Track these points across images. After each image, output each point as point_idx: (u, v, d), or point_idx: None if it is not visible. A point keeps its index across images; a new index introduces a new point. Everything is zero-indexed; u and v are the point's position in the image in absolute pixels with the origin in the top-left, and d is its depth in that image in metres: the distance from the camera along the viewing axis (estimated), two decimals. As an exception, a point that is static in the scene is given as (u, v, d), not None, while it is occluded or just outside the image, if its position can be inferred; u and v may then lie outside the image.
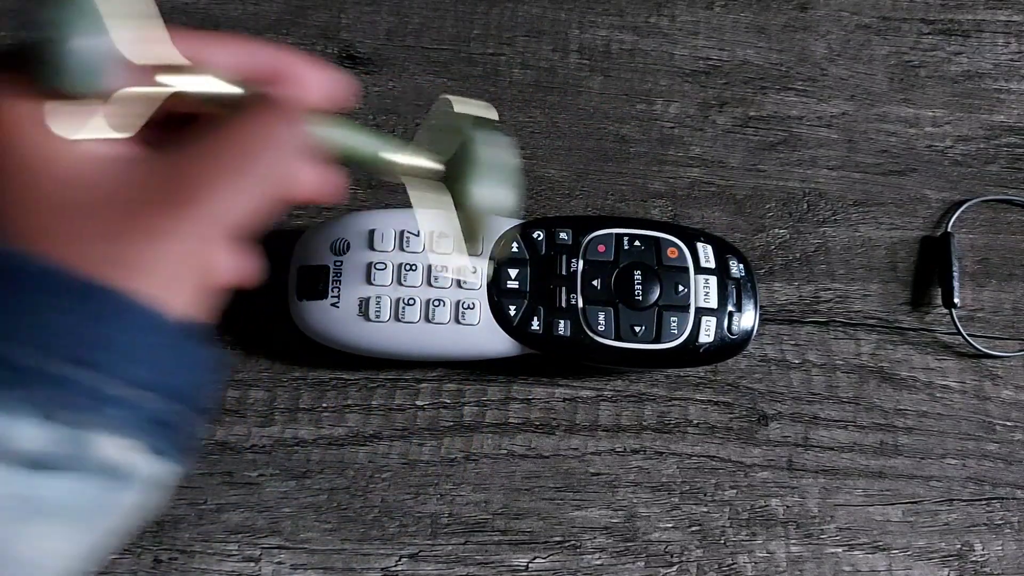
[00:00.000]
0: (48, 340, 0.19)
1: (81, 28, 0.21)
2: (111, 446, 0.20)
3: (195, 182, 0.22)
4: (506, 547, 0.39)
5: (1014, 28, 0.52)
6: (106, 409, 0.20)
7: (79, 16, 0.21)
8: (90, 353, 0.20)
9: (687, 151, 0.47)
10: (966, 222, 0.47)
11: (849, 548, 0.41)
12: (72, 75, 0.21)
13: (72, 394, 0.19)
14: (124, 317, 0.20)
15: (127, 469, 0.21)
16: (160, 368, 0.21)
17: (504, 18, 0.49)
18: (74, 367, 0.20)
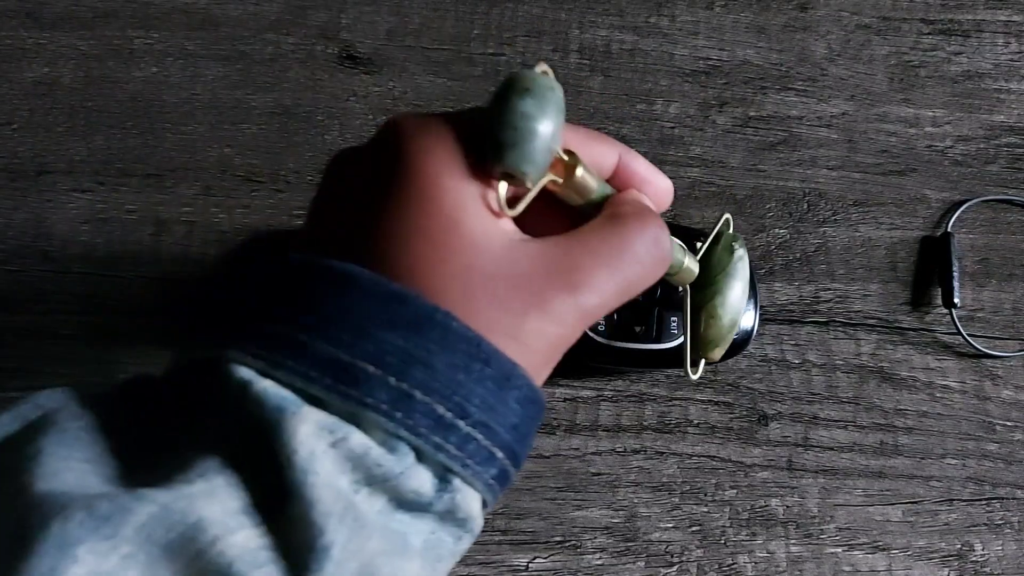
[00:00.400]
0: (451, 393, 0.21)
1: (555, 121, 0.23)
2: (472, 500, 0.22)
3: (588, 274, 0.23)
4: (506, 547, 0.39)
5: (1014, 28, 0.52)
6: (481, 466, 0.21)
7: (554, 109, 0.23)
8: (483, 415, 0.21)
9: (687, 151, 0.47)
10: (966, 222, 0.47)
11: (849, 548, 0.41)
12: (536, 163, 0.23)
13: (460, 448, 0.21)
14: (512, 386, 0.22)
15: (473, 522, 0.22)
16: (523, 436, 0.23)
17: (504, 18, 0.49)
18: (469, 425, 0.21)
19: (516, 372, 0.22)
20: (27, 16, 0.46)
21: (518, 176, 0.23)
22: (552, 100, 0.23)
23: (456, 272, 0.22)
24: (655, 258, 0.25)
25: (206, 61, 0.46)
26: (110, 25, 0.46)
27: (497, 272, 0.22)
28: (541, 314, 0.22)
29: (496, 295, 0.22)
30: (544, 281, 0.23)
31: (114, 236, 0.42)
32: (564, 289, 0.23)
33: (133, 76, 0.45)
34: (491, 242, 0.22)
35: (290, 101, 0.46)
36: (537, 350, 0.23)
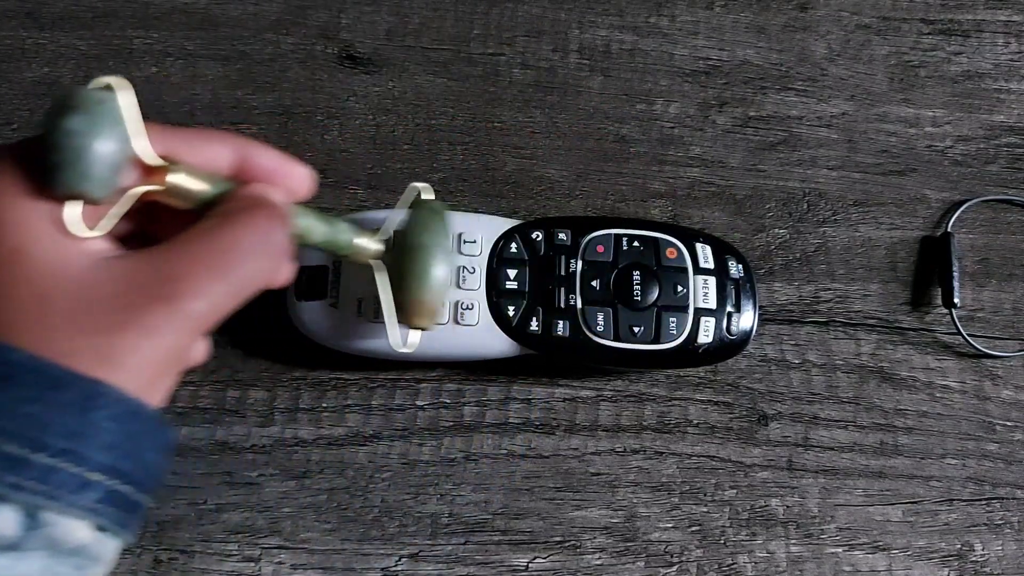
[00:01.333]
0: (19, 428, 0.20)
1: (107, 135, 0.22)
2: (76, 529, 0.21)
3: (183, 281, 0.23)
4: (506, 547, 0.39)
5: (1014, 28, 0.52)
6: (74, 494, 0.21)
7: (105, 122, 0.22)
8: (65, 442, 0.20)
9: (687, 151, 0.47)
10: (966, 222, 0.47)
11: (849, 548, 0.41)
12: (96, 180, 0.22)
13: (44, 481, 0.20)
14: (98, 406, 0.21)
15: (95, 549, 0.22)
16: (128, 454, 0.22)
17: (504, 18, 0.49)
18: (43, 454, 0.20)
19: (101, 390, 0.21)
20: (27, 16, 0.46)
21: (83, 195, 0.22)
22: (103, 112, 0.22)
23: (26, 304, 0.21)
24: (266, 252, 0.25)
25: (206, 61, 0.46)
26: (110, 25, 0.46)
27: (78, 296, 0.22)
28: (132, 330, 0.22)
29: (76, 320, 0.21)
30: (134, 297, 0.22)
31: (113, 236, 0.42)
32: (158, 301, 0.22)
33: (133, 76, 0.45)
34: (67, 267, 0.22)
35: (290, 101, 0.46)
36: (137, 366, 0.22)
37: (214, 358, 0.41)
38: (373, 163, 0.45)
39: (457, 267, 0.39)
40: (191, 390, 0.40)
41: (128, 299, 0.22)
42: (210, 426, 0.40)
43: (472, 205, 0.45)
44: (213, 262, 0.23)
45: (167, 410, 0.40)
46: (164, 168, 0.24)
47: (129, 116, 0.23)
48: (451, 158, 0.46)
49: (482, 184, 0.45)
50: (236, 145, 0.26)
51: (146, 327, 0.22)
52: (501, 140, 0.46)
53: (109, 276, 0.22)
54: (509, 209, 0.45)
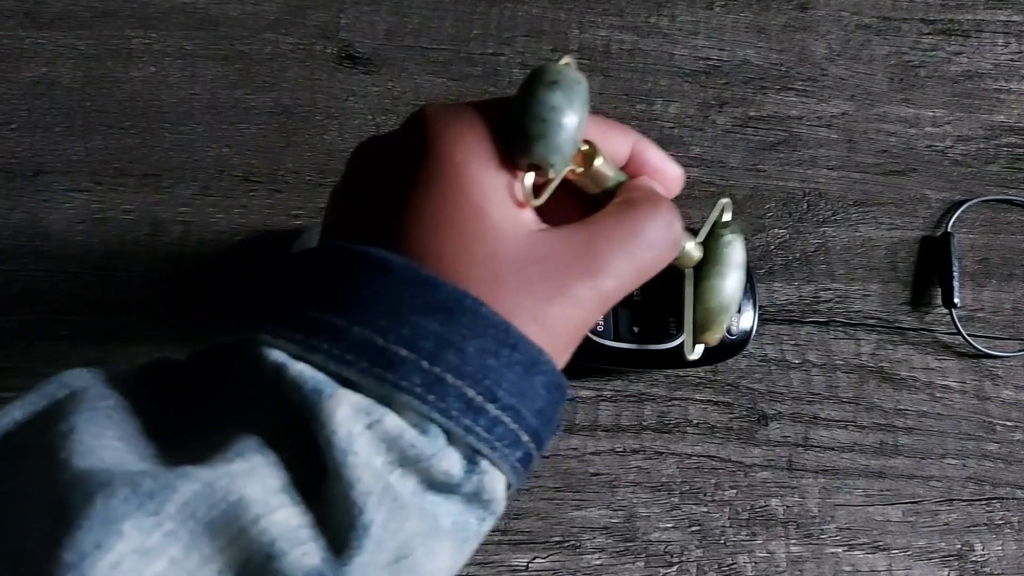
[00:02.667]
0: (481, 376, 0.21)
1: (581, 113, 0.23)
2: (498, 482, 0.22)
3: (606, 259, 0.24)
4: (506, 547, 0.39)
5: (1014, 28, 0.52)
6: (508, 449, 0.22)
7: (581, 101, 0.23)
8: (511, 399, 0.22)
9: (687, 151, 0.47)
10: (966, 222, 0.47)
11: (849, 548, 0.41)
12: (563, 154, 0.23)
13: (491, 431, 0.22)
14: (538, 371, 0.22)
15: (499, 504, 0.23)
16: (548, 421, 0.23)
17: (504, 18, 0.49)
18: (498, 408, 0.22)
19: (542, 358, 0.23)
20: (25, 16, 0.46)
21: (544, 167, 0.23)
22: (578, 92, 0.23)
23: (482, 259, 0.22)
24: (667, 242, 0.26)
25: (205, 61, 0.46)
26: (108, 25, 0.46)
27: (521, 259, 0.23)
28: (564, 299, 0.23)
29: (521, 282, 0.23)
30: (566, 267, 0.23)
31: (111, 236, 0.42)
32: (585, 274, 0.23)
33: (131, 76, 0.45)
34: (515, 230, 0.23)
35: (289, 101, 0.46)
36: (560, 334, 0.23)
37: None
38: (372, 163, 0.45)
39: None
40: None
41: (560, 269, 0.23)
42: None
43: (472, 205, 0.45)
44: (626, 245, 0.24)
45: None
46: (592, 153, 0.25)
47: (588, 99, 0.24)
48: (450, 158, 0.45)
49: (482, 184, 0.45)
50: (633, 138, 0.27)
51: (575, 298, 0.23)
52: (501, 140, 0.46)
53: (543, 246, 0.23)
54: (509, 209, 0.45)
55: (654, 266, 0.26)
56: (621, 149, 0.27)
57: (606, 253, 0.24)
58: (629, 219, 0.25)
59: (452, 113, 0.24)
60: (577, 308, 0.23)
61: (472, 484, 0.22)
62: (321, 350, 0.20)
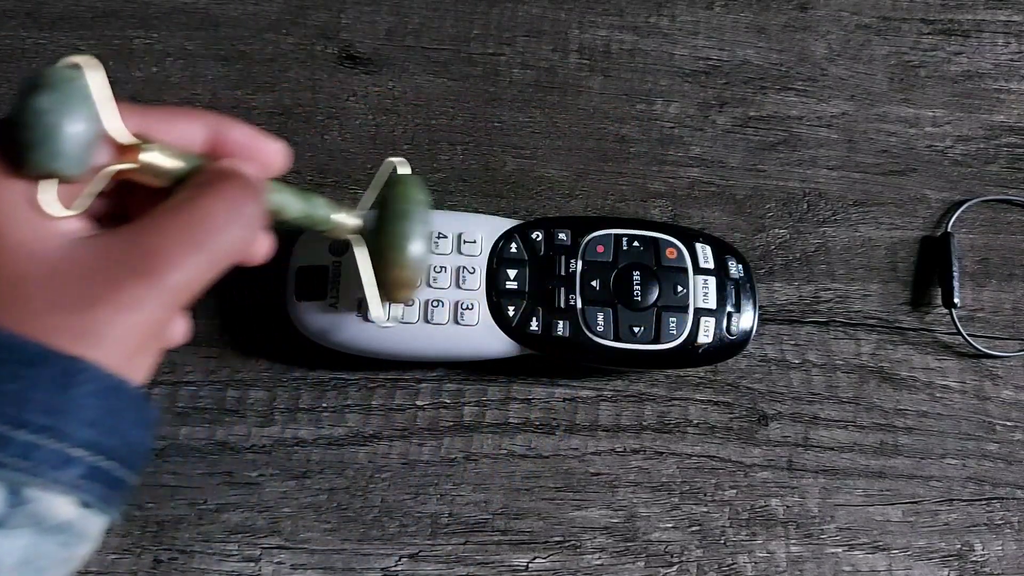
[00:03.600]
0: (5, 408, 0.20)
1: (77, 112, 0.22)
2: (60, 505, 0.21)
3: (157, 256, 0.23)
4: (506, 547, 0.39)
5: (1014, 28, 0.52)
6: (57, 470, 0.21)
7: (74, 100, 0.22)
8: (45, 419, 0.21)
9: (687, 151, 0.47)
10: (966, 222, 0.47)
11: (849, 548, 0.41)
12: (68, 158, 0.22)
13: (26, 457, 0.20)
14: (78, 382, 0.21)
15: (80, 525, 0.22)
16: (111, 430, 0.22)
17: (504, 18, 0.49)
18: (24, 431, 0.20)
19: (80, 367, 0.21)
20: (27, 16, 0.46)
21: (53, 174, 0.22)
22: (73, 91, 0.22)
23: (8, 285, 0.21)
24: (239, 220, 0.25)
25: (206, 61, 0.46)
26: (110, 25, 0.46)
27: (54, 275, 0.22)
28: (112, 305, 0.22)
29: (53, 298, 0.22)
30: (109, 273, 0.22)
31: (113, 236, 0.42)
32: (133, 275, 0.22)
33: (133, 76, 0.45)
34: (43, 247, 0.22)
35: (290, 101, 0.46)
36: (115, 342, 0.22)
37: (214, 358, 0.41)
38: (373, 163, 0.45)
39: (457, 267, 0.39)
40: (191, 390, 0.40)
41: (104, 275, 0.22)
42: (210, 426, 0.40)
43: (472, 205, 0.45)
44: (187, 234, 0.24)
45: (167, 408, 0.40)
46: (137, 146, 0.24)
47: (99, 94, 0.23)
48: (451, 158, 0.46)
49: (482, 184, 0.45)
50: (209, 121, 0.27)
51: (123, 302, 0.22)
52: (501, 140, 0.46)
53: (85, 254, 0.22)
54: (509, 209, 0.45)
55: (231, 249, 0.25)
56: (193, 136, 0.26)
57: (162, 247, 0.23)
58: (187, 206, 0.24)
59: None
60: (132, 311, 0.22)
61: (24, 515, 0.21)
62: None
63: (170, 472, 0.39)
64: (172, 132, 0.26)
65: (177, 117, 0.26)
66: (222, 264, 0.25)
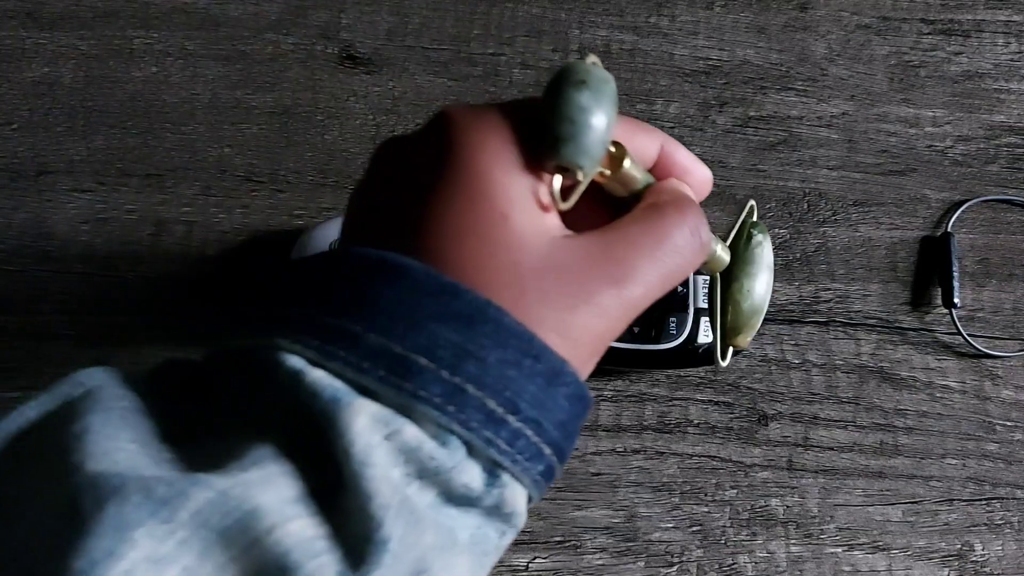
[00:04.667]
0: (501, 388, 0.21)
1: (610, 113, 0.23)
2: (519, 495, 0.22)
3: (631, 266, 0.23)
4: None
5: (1014, 28, 0.52)
6: (529, 462, 0.22)
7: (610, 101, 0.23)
8: (533, 411, 0.21)
9: (687, 151, 0.47)
10: (966, 222, 0.47)
11: (849, 548, 0.41)
12: (592, 155, 0.23)
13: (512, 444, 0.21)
14: (561, 383, 0.22)
15: (518, 517, 0.22)
16: (570, 434, 0.23)
17: (504, 18, 0.49)
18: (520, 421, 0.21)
19: (565, 369, 0.22)
20: (27, 16, 0.46)
21: (572, 169, 0.23)
22: (607, 92, 0.23)
23: (504, 267, 0.22)
24: (694, 247, 0.25)
25: (206, 61, 0.46)
26: (110, 25, 0.46)
27: (544, 268, 0.22)
28: (587, 308, 0.22)
29: (543, 291, 0.22)
30: (589, 276, 0.23)
31: (114, 236, 0.42)
32: (608, 283, 0.23)
33: (133, 76, 0.45)
34: (539, 238, 0.23)
35: (290, 101, 0.46)
36: (584, 344, 0.23)
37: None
38: (373, 163, 0.45)
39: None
40: (192, 390, 0.40)
41: (583, 277, 0.23)
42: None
43: (472, 205, 0.45)
44: (652, 251, 0.24)
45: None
46: (621, 155, 0.25)
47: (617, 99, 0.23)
48: (451, 158, 0.45)
49: (482, 184, 0.45)
50: (660, 139, 0.27)
51: (599, 307, 0.23)
52: (501, 140, 0.46)
53: (566, 254, 0.23)
54: (509, 209, 0.45)
55: (681, 271, 0.25)
56: (649, 150, 0.27)
57: (631, 260, 0.23)
58: (655, 224, 0.25)
59: (475, 116, 0.23)
60: (601, 317, 0.23)
61: (492, 497, 0.21)
62: (338, 357, 0.20)
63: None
64: (634, 143, 0.26)
65: (640, 130, 0.26)
66: (671, 284, 0.25)
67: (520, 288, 0.22)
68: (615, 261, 0.23)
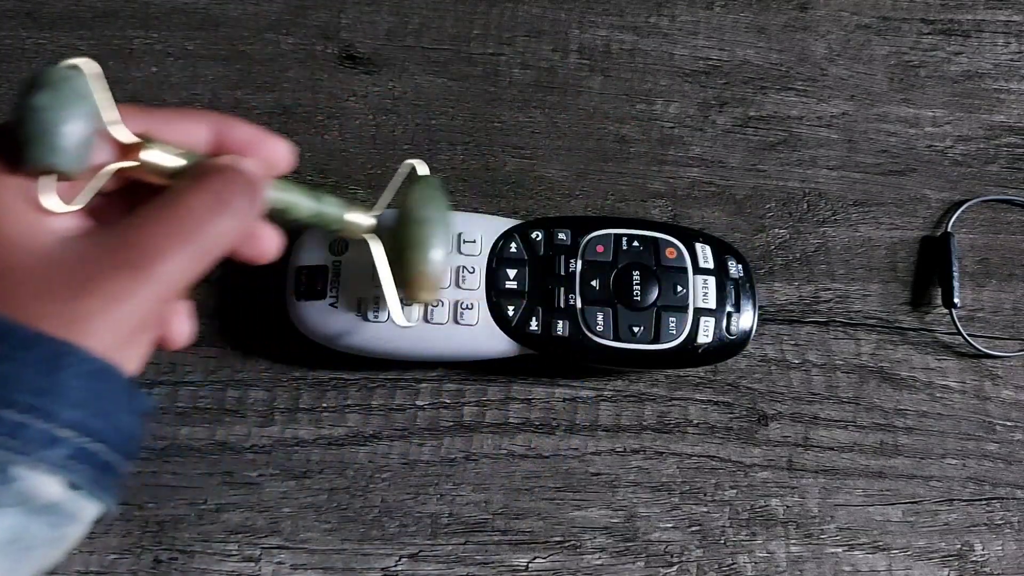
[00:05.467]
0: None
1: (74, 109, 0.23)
2: (47, 484, 0.22)
3: (146, 248, 0.24)
4: (506, 547, 0.39)
5: (1014, 28, 0.52)
6: (45, 450, 0.21)
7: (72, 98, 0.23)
8: (33, 399, 0.21)
9: (687, 151, 0.47)
10: (966, 222, 0.47)
11: (849, 548, 0.41)
12: (66, 153, 0.23)
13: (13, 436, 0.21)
14: (65, 365, 0.22)
15: (69, 507, 0.22)
16: (99, 413, 0.23)
17: (504, 18, 0.49)
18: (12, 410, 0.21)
19: (68, 350, 0.22)
20: (27, 16, 0.46)
21: (52, 169, 0.23)
22: (71, 89, 0.23)
23: None
24: (226, 210, 0.25)
25: (206, 61, 0.46)
26: (110, 25, 0.46)
27: (47, 267, 0.23)
28: (99, 295, 0.23)
29: (44, 288, 0.23)
30: (98, 265, 0.23)
31: (113, 236, 0.42)
32: (122, 267, 0.23)
33: (133, 76, 0.45)
34: (36, 239, 0.23)
35: (290, 101, 0.46)
36: (104, 331, 0.23)
37: (214, 358, 0.41)
38: (373, 163, 0.45)
39: (457, 267, 0.39)
40: (191, 390, 0.40)
41: (94, 267, 0.23)
42: (210, 426, 0.40)
43: (472, 205, 0.45)
44: (175, 226, 0.24)
45: (165, 409, 0.40)
46: (138, 145, 0.25)
47: (97, 93, 0.24)
48: (451, 158, 0.46)
49: (482, 184, 0.45)
50: (212, 121, 0.27)
51: (112, 292, 0.23)
52: (501, 140, 0.46)
53: (77, 248, 0.23)
54: (509, 209, 0.45)
55: (219, 239, 0.25)
56: (197, 135, 0.27)
57: (151, 239, 0.24)
58: (175, 200, 0.25)
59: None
60: (121, 301, 0.23)
61: (12, 494, 0.21)
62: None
63: (170, 472, 0.39)
64: (176, 132, 0.26)
65: (180, 117, 0.27)
66: (211, 256, 0.25)
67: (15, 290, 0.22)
68: (130, 245, 0.24)
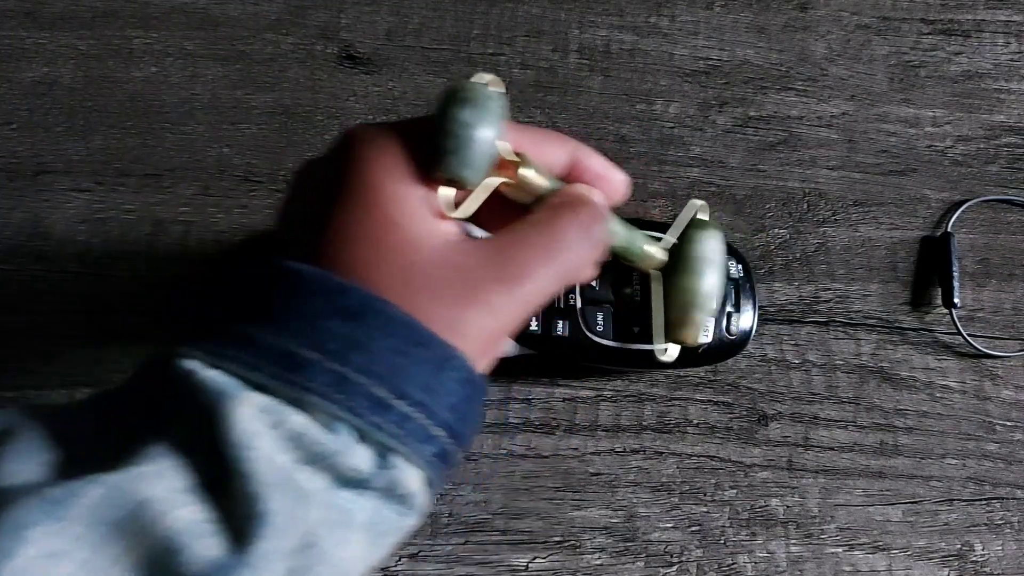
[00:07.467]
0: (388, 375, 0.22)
1: (492, 128, 0.25)
2: (412, 477, 0.23)
3: (518, 265, 0.25)
4: (506, 547, 0.39)
5: (1014, 28, 0.52)
6: (420, 444, 0.23)
7: (491, 117, 0.25)
8: (421, 395, 0.23)
9: (687, 151, 0.47)
10: (966, 222, 0.47)
11: (849, 548, 0.41)
12: (475, 168, 0.25)
13: (399, 427, 0.22)
14: (450, 367, 0.24)
15: (417, 499, 0.24)
16: (463, 416, 0.25)
17: (504, 18, 0.49)
18: (408, 405, 0.23)
19: (454, 355, 0.24)
20: (26, 16, 0.46)
21: (459, 180, 0.25)
22: (489, 107, 0.25)
23: (396, 269, 0.24)
24: (586, 245, 0.27)
25: (205, 61, 0.46)
26: (110, 25, 0.46)
27: (436, 269, 0.24)
28: (477, 306, 0.24)
29: (434, 289, 0.24)
30: (480, 275, 0.25)
31: (111, 236, 0.42)
32: (498, 282, 0.25)
33: (132, 76, 0.45)
34: (430, 242, 0.25)
35: (289, 101, 0.46)
36: (474, 339, 0.24)
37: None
38: (373, 163, 0.45)
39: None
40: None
41: (475, 277, 0.25)
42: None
43: (472, 205, 0.45)
44: (544, 250, 0.26)
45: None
46: (517, 163, 0.26)
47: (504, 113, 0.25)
48: (451, 158, 0.45)
49: (482, 184, 0.45)
50: (571, 147, 0.29)
51: (489, 304, 0.24)
52: (501, 140, 0.46)
53: (459, 256, 0.25)
54: (509, 209, 0.45)
55: (577, 268, 0.27)
56: (557, 158, 0.28)
57: (522, 260, 0.25)
58: (546, 224, 0.26)
59: (373, 133, 0.25)
60: (491, 315, 0.24)
61: (384, 479, 0.23)
62: (232, 357, 0.22)
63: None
64: (541, 152, 0.28)
65: (547, 139, 0.28)
66: (567, 281, 0.27)
67: (411, 287, 0.24)
68: (507, 261, 0.25)
